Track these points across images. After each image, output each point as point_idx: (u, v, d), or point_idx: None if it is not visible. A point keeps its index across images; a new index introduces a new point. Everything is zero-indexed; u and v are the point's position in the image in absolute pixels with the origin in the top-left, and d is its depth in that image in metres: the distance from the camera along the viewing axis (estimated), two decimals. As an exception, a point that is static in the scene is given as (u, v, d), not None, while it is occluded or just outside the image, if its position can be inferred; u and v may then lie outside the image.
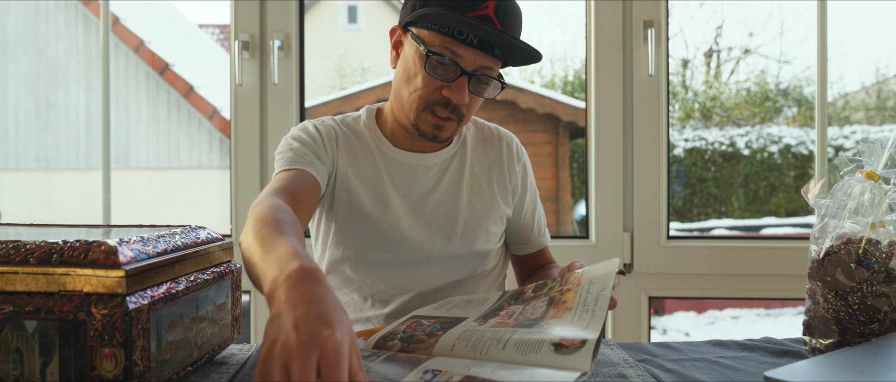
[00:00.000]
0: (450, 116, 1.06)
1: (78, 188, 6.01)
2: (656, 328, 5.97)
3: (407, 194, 1.14)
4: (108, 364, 0.64)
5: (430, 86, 1.05)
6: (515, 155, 1.23)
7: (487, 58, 1.03)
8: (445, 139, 1.10)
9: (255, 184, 1.86)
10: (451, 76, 1.03)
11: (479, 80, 1.05)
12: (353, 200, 1.13)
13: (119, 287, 0.65)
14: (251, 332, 1.91)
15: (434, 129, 1.07)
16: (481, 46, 1.01)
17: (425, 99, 1.06)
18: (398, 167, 1.15)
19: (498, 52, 1.03)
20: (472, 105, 1.08)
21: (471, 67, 1.03)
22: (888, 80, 7.13)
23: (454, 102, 1.04)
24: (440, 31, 1.02)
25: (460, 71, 1.03)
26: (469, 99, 1.06)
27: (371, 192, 1.14)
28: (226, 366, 0.87)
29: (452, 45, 1.02)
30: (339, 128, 1.17)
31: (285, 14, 1.84)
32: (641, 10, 1.81)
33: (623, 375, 0.82)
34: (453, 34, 1.01)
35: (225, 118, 5.96)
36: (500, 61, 1.06)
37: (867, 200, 0.85)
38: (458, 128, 1.09)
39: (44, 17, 5.95)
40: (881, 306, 0.83)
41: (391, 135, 1.17)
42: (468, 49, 1.02)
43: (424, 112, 1.07)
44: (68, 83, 6.00)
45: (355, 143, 1.16)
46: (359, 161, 1.15)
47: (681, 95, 7.12)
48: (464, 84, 1.03)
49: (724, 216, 6.67)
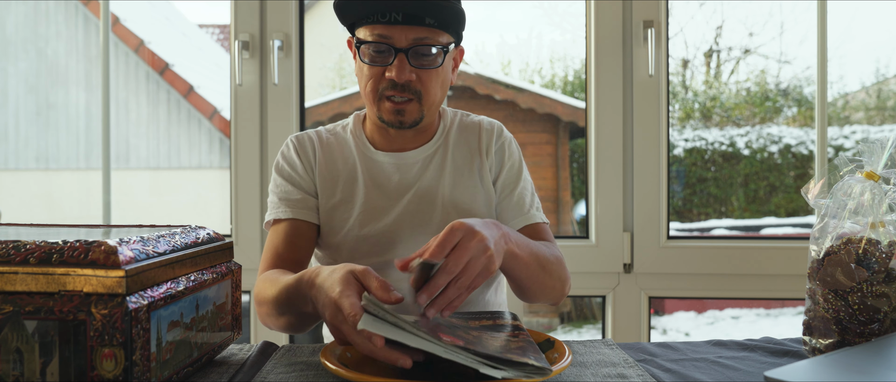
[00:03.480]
0: (406, 97, 1.08)
1: (78, 188, 6.01)
2: (656, 328, 5.97)
3: (388, 194, 1.16)
4: (108, 364, 0.64)
5: (374, 74, 1.08)
6: (494, 136, 1.22)
7: (419, 29, 1.05)
8: (413, 123, 1.11)
9: (255, 184, 1.86)
10: (389, 58, 1.07)
11: (419, 53, 1.07)
12: (336, 213, 1.16)
13: (119, 287, 0.65)
14: (251, 332, 1.91)
15: (396, 115, 1.09)
16: (408, 20, 1.04)
17: (375, 88, 1.09)
18: (379, 169, 1.17)
19: (430, 21, 1.05)
20: (427, 79, 1.09)
21: (404, 43, 1.06)
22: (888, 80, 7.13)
23: (399, 81, 1.06)
24: (368, 23, 1.06)
25: (394, 50, 1.06)
26: (417, 74, 1.07)
27: (351, 203, 1.16)
28: (226, 366, 0.87)
29: (379, 29, 1.06)
30: (321, 140, 1.20)
31: (285, 14, 1.84)
32: (641, 10, 1.81)
33: (623, 375, 0.82)
34: (378, 20, 1.05)
35: (225, 118, 5.95)
36: (441, 28, 1.07)
37: (867, 200, 0.85)
38: (422, 109, 1.10)
39: (44, 17, 5.95)
40: (881, 306, 0.83)
41: (372, 138, 1.20)
42: (395, 27, 1.05)
43: (381, 102, 1.09)
44: (68, 83, 6.00)
45: (337, 153, 1.19)
46: (339, 172, 1.18)
47: (681, 95, 7.12)
48: (402, 61, 1.06)
49: (724, 216, 6.67)
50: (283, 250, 1.13)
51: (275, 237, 1.15)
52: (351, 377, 0.74)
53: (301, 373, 0.84)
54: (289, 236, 1.14)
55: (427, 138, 1.20)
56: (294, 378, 0.82)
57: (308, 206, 1.16)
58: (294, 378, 0.82)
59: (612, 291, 1.84)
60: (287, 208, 1.15)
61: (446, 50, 1.09)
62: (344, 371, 0.75)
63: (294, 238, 1.14)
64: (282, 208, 1.16)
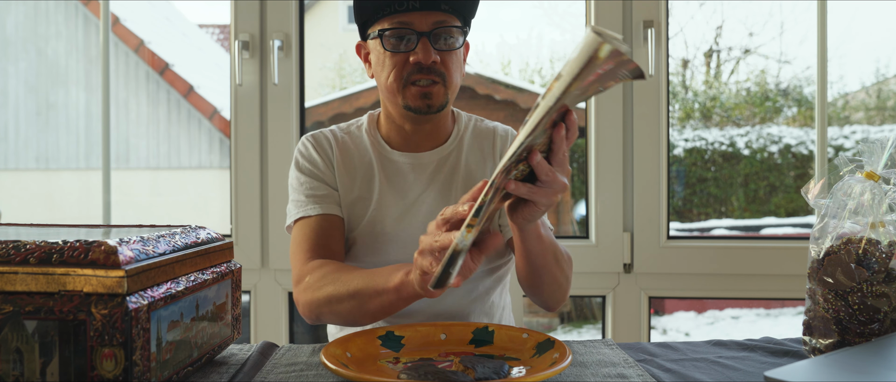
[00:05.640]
0: (432, 79, 1.09)
1: (78, 188, 6.01)
2: (656, 328, 5.97)
3: (404, 196, 1.16)
4: (108, 364, 0.64)
5: (398, 62, 1.09)
6: (509, 142, 1.22)
7: (436, 14, 1.08)
8: (440, 107, 1.11)
9: (255, 184, 1.86)
10: (412, 43, 1.08)
11: (439, 36, 1.09)
12: (354, 209, 1.16)
13: (119, 287, 0.65)
14: (251, 332, 1.91)
15: (423, 99, 1.10)
16: (425, 6, 1.07)
17: (401, 74, 1.09)
18: (394, 169, 1.18)
19: (445, 6, 1.07)
20: (448, 62, 1.10)
21: (425, 27, 1.07)
22: (888, 80, 7.13)
23: (425, 64, 1.07)
24: (385, 14, 1.08)
25: (416, 35, 1.07)
26: (440, 57, 1.09)
27: (368, 201, 1.16)
28: (226, 366, 0.87)
29: (399, 17, 1.07)
30: (337, 139, 1.20)
31: (285, 14, 1.84)
32: (641, 10, 1.81)
33: (623, 375, 0.82)
34: (395, 9, 1.07)
35: (225, 118, 5.95)
36: (454, 14, 1.09)
37: (867, 200, 0.85)
38: (447, 92, 1.11)
39: (44, 17, 5.95)
40: (881, 306, 0.83)
41: (388, 137, 1.20)
42: (414, 14, 1.07)
43: (407, 88, 1.10)
44: (68, 83, 6.00)
45: (354, 151, 1.19)
46: (356, 169, 1.18)
47: (681, 95, 7.12)
48: (426, 44, 1.07)
49: (724, 216, 6.66)
50: (318, 243, 1.11)
51: (307, 231, 1.12)
52: (351, 377, 0.74)
53: (301, 373, 0.84)
54: (323, 230, 1.12)
55: (442, 140, 1.20)
56: (294, 378, 0.82)
57: (335, 201, 1.16)
58: (294, 378, 0.82)
59: (612, 291, 1.84)
60: (316, 204, 1.14)
61: (464, 32, 1.12)
62: (344, 371, 0.76)
63: (329, 231, 1.13)
64: (310, 204, 1.14)
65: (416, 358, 0.88)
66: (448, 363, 0.85)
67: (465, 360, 0.79)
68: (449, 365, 0.82)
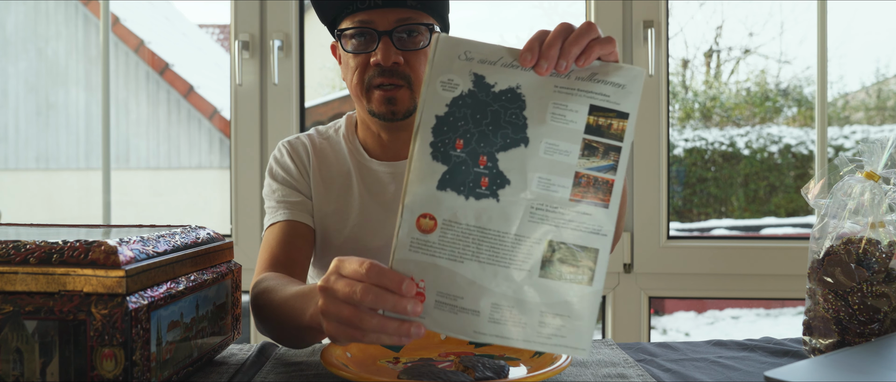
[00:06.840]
0: (395, 83, 1.03)
1: (78, 188, 6.01)
2: (656, 328, 5.97)
3: (387, 208, 1.11)
4: (108, 364, 0.64)
5: (359, 64, 1.04)
6: None
7: (400, 10, 1.02)
8: (406, 113, 1.05)
9: (255, 184, 1.86)
10: (373, 43, 1.02)
11: (403, 34, 1.02)
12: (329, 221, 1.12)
13: (119, 287, 0.65)
14: (251, 332, 1.91)
15: (386, 104, 1.04)
16: (388, 3, 1.01)
17: (363, 78, 1.04)
18: (374, 179, 1.13)
19: (411, 2, 1.02)
20: (415, 63, 1.04)
21: (386, 25, 1.01)
22: (888, 80, 7.13)
23: (385, 65, 1.01)
24: (348, 13, 1.03)
25: (377, 34, 1.02)
26: (405, 57, 1.03)
27: (346, 213, 1.12)
28: (226, 366, 0.87)
29: (360, 15, 1.02)
30: (315, 145, 1.16)
31: (285, 14, 1.84)
32: (641, 10, 1.81)
33: (623, 375, 0.82)
34: (357, 7, 1.02)
35: (225, 118, 5.95)
36: (422, 11, 1.03)
37: (867, 200, 0.85)
38: (414, 96, 1.04)
39: (44, 17, 5.95)
40: (881, 306, 0.83)
41: (365, 144, 1.15)
42: (375, 11, 1.01)
43: (370, 92, 1.04)
44: (68, 83, 6.00)
45: (332, 159, 1.15)
46: (333, 179, 1.13)
47: (681, 95, 7.11)
48: (386, 44, 1.01)
49: (724, 216, 6.66)
50: (279, 251, 1.07)
51: (271, 240, 1.09)
52: (351, 377, 0.74)
53: (301, 373, 0.84)
54: (286, 236, 1.08)
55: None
56: (294, 378, 0.82)
57: (306, 209, 1.12)
58: (294, 378, 0.82)
59: (612, 291, 1.84)
60: (285, 209, 1.10)
61: (433, 29, 1.04)
62: (344, 371, 0.76)
63: (291, 238, 1.08)
64: (280, 210, 1.11)
65: (416, 358, 0.88)
66: (448, 363, 0.85)
67: (464, 360, 0.79)
68: (449, 365, 0.82)
